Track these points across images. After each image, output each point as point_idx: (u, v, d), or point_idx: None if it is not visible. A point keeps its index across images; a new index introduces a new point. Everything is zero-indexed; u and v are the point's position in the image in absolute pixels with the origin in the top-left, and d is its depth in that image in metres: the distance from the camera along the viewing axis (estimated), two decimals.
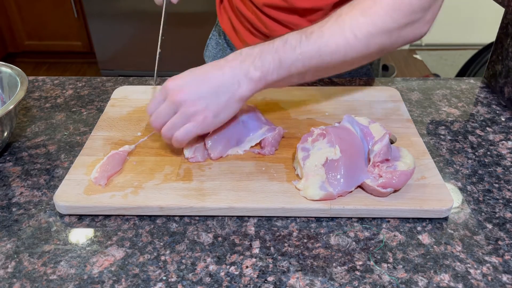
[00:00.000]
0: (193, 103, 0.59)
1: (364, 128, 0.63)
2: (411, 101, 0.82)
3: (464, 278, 0.49)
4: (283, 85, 0.64)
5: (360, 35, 0.59)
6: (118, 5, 2.55)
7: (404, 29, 0.60)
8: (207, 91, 0.59)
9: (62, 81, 0.90)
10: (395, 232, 0.55)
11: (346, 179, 0.57)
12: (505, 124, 0.76)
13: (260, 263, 0.51)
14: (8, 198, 0.61)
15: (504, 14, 0.83)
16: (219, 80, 0.59)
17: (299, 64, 0.60)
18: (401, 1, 0.58)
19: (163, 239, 0.54)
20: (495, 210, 0.58)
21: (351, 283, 0.49)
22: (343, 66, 0.64)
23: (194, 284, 0.49)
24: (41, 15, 2.82)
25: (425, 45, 3.25)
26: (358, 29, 0.59)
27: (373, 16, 0.59)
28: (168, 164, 0.63)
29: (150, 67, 3.18)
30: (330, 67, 0.62)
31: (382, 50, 0.62)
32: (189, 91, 0.59)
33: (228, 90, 0.59)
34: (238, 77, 0.59)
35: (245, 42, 0.93)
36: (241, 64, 0.59)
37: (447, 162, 0.67)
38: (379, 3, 0.59)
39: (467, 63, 1.95)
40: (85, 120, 0.77)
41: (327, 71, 0.64)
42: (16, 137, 0.73)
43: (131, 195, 0.58)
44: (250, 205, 0.56)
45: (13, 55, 3.02)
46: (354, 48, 0.60)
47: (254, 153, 0.65)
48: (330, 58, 0.60)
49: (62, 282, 0.49)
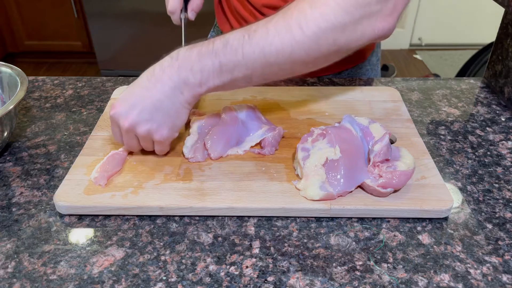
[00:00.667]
0: (144, 124, 0.58)
1: (364, 128, 0.63)
2: (411, 101, 0.82)
3: (464, 278, 0.49)
4: (229, 89, 0.59)
5: (308, 30, 0.52)
6: (118, 5, 2.55)
7: (359, 23, 0.53)
8: (152, 109, 0.57)
9: (62, 81, 0.90)
10: (395, 232, 0.55)
11: (346, 179, 0.57)
12: (505, 124, 0.76)
13: (260, 263, 0.51)
14: (8, 198, 0.61)
15: (504, 14, 0.83)
16: (160, 94, 0.57)
17: (242, 68, 0.55)
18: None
19: (163, 239, 0.54)
20: (495, 210, 0.58)
21: (351, 283, 0.49)
22: (293, 68, 0.57)
23: (194, 284, 0.49)
24: (41, 15, 2.82)
25: (425, 45, 3.26)
26: (306, 24, 0.52)
27: (323, 7, 0.52)
28: (168, 164, 0.63)
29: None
30: (277, 69, 0.56)
31: (337, 50, 0.55)
32: (134, 115, 0.58)
33: (172, 101, 0.57)
34: (178, 87, 0.56)
35: None
36: (179, 72, 0.56)
37: (447, 162, 0.67)
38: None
39: (467, 63, 1.95)
40: (85, 120, 0.77)
41: (276, 73, 0.58)
42: (16, 137, 0.73)
43: (131, 195, 0.58)
44: (250, 205, 0.56)
45: (13, 55, 3.02)
46: (302, 45, 0.53)
47: (254, 153, 0.65)
48: (275, 58, 0.54)
49: (62, 282, 0.49)
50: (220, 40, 0.55)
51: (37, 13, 2.81)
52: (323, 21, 0.52)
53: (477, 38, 3.00)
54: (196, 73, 0.56)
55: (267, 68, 0.55)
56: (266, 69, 0.56)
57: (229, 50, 0.54)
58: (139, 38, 2.67)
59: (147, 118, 0.58)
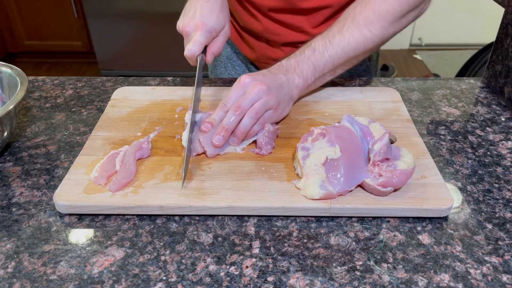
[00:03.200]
0: (269, 93, 0.66)
1: (364, 127, 0.63)
2: (411, 101, 0.82)
3: (464, 278, 0.49)
4: (320, 83, 0.75)
5: (375, 31, 0.71)
6: (118, 5, 2.55)
7: (410, 14, 0.73)
8: (277, 86, 0.68)
9: (62, 81, 0.90)
10: (395, 232, 0.55)
11: (346, 178, 0.57)
12: (505, 124, 0.76)
13: (260, 263, 0.51)
14: (8, 198, 0.61)
15: (504, 14, 0.83)
16: (281, 79, 0.70)
17: (329, 65, 0.72)
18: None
19: (163, 239, 0.54)
20: (495, 210, 0.58)
21: (351, 283, 0.49)
22: (364, 55, 0.75)
23: (194, 284, 0.49)
24: (41, 15, 2.82)
25: (425, 45, 3.26)
26: (373, 27, 0.70)
27: (384, 13, 0.70)
28: (168, 163, 0.63)
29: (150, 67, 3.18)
30: (354, 59, 0.74)
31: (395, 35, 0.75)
32: (266, 83, 0.67)
33: (288, 88, 0.70)
34: (290, 81, 0.71)
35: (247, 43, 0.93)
36: (287, 74, 0.71)
37: (447, 162, 0.67)
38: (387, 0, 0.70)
39: (467, 63, 1.95)
40: (85, 120, 0.77)
41: (352, 62, 0.75)
42: (16, 137, 0.73)
43: (131, 194, 0.58)
44: (250, 205, 0.56)
45: (13, 55, 3.02)
46: (372, 41, 0.71)
47: (253, 153, 0.65)
48: (354, 53, 0.72)
49: (62, 282, 0.49)
50: (308, 48, 0.72)
51: (37, 13, 2.81)
52: (385, 22, 0.71)
53: (477, 38, 3.00)
54: (298, 74, 0.72)
55: (347, 61, 0.73)
56: (346, 63, 0.74)
57: (318, 54, 0.71)
58: (139, 38, 2.67)
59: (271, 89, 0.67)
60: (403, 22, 0.73)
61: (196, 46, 0.69)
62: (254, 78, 0.67)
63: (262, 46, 0.90)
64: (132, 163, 0.61)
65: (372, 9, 0.70)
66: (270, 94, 0.66)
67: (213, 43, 0.74)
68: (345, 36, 0.71)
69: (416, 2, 0.71)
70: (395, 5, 0.70)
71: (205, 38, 0.70)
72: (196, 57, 0.70)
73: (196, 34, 0.70)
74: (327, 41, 0.71)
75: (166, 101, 0.79)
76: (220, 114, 0.66)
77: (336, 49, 0.71)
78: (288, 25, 0.84)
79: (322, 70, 0.72)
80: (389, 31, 0.72)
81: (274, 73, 0.70)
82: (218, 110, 0.67)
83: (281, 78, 0.70)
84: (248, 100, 0.65)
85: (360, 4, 0.71)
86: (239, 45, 0.96)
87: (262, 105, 0.65)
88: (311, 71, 0.71)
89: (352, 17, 0.71)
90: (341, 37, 0.71)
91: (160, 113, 0.75)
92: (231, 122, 0.64)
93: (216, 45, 0.74)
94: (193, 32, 0.71)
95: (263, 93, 0.65)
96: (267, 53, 0.90)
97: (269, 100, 0.66)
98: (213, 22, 0.72)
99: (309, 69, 0.71)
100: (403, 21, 0.72)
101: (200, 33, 0.70)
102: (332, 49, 0.71)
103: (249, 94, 0.65)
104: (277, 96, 0.67)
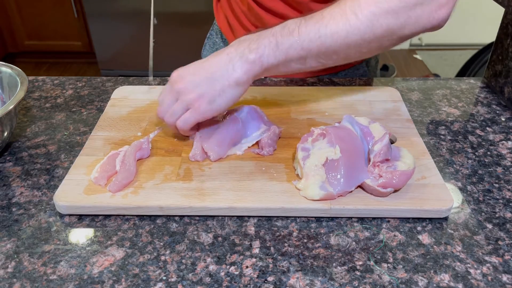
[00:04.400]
0: (189, 91, 0.61)
1: (364, 128, 0.63)
2: (411, 101, 0.82)
3: (464, 278, 0.49)
4: (284, 70, 0.62)
5: (361, 15, 0.56)
6: (118, 5, 2.55)
7: (413, 10, 0.56)
8: (203, 79, 0.60)
9: (62, 81, 0.90)
10: (395, 232, 0.55)
11: (346, 179, 0.57)
12: (505, 124, 0.76)
13: (260, 263, 0.51)
14: (8, 198, 0.61)
15: (504, 14, 0.83)
16: (214, 66, 0.60)
17: (297, 47, 0.58)
18: None
19: (163, 239, 0.54)
20: (495, 210, 0.58)
21: (351, 283, 0.49)
22: (348, 52, 0.59)
23: (194, 284, 0.49)
24: (41, 15, 2.82)
25: (425, 45, 3.26)
26: (360, 9, 0.56)
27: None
28: (168, 164, 0.63)
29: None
30: (332, 51, 0.59)
31: (391, 35, 0.57)
32: (188, 80, 0.61)
33: (223, 75, 0.59)
34: (233, 61, 0.59)
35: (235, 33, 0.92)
36: (237, 48, 0.60)
37: (447, 162, 0.67)
38: None
39: (467, 63, 1.95)
40: (85, 120, 0.77)
41: (330, 56, 0.60)
42: (16, 137, 0.73)
43: (131, 195, 0.58)
44: (250, 205, 0.56)
45: (13, 55, 3.02)
46: (357, 29, 0.56)
47: (254, 153, 0.65)
48: (331, 41, 0.57)
49: (62, 282, 0.49)
50: (279, 25, 0.59)
51: (37, 13, 2.81)
52: (376, 7, 0.55)
53: (477, 38, 2.99)
54: (252, 49, 0.59)
55: (322, 50, 0.58)
56: (321, 52, 0.58)
57: (286, 31, 0.58)
58: (139, 38, 2.67)
59: (195, 85, 0.61)
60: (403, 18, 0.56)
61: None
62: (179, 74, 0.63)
63: None
64: (132, 163, 0.61)
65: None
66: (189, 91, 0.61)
67: None
68: (325, 17, 0.57)
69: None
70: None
71: None
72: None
73: None
74: (303, 20, 0.59)
75: None
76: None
77: (310, 29, 0.57)
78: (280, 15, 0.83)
79: (286, 52, 0.58)
80: (380, 21, 0.56)
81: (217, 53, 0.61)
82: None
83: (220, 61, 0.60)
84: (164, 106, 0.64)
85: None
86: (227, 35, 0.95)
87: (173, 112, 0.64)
88: (271, 49, 0.58)
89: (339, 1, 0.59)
90: (319, 18, 0.58)
91: None
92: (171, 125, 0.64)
93: None
94: None
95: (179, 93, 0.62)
96: None
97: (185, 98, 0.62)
98: None
99: (270, 45, 0.58)
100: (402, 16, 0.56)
101: None
102: (305, 28, 0.57)
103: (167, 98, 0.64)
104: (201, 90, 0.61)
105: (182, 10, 2.50)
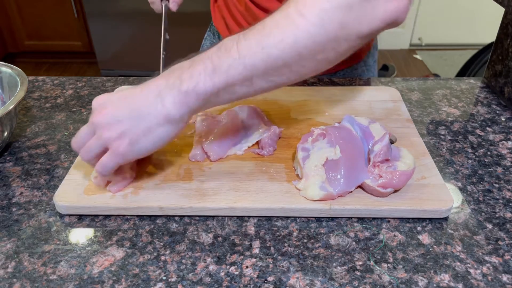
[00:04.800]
0: (108, 128, 0.52)
1: (364, 128, 0.63)
2: (411, 101, 0.82)
3: (464, 278, 0.49)
4: (227, 98, 0.52)
5: (310, 15, 0.47)
6: (118, 5, 2.55)
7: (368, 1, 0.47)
8: (126, 115, 0.52)
9: (62, 81, 0.90)
10: (395, 232, 0.55)
11: (346, 179, 0.57)
12: (505, 124, 0.76)
13: (260, 263, 0.51)
14: (8, 198, 0.61)
15: (504, 14, 0.83)
16: (140, 101, 0.52)
17: (239, 66, 0.48)
18: None
19: (163, 239, 0.54)
20: (495, 210, 0.58)
21: (351, 283, 0.49)
22: (301, 63, 0.49)
23: (194, 284, 0.49)
24: (41, 15, 2.82)
25: (425, 45, 3.26)
26: (306, 9, 0.47)
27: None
28: (168, 164, 0.63)
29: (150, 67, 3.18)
30: (281, 64, 0.49)
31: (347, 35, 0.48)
32: (108, 113, 0.53)
33: (150, 113, 0.51)
34: (162, 94, 0.51)
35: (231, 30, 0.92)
36: (167, 79, 0.51)
37: (447, 162, 0.67)
38: None
39: (467, 63, 1.95)
40: (85, 120, 0.77)
41: (281, 71, 0.50)
42: (16, 137, 0.73)
43: (131, 195, 0.58)
44: (250, 205, 0.56)
45: (13, 55, 3.02)
46: (307, 32, 0.47)
47: (254, 153, 0.65)
48: (277, 51, 0.48)
49: (62, 282, 0.49)
50: (215, 45, 0.51)
51: (37, 13, 2.81)
52: (326, 2, 0.46)
53: (477, 38, 3.00)
54: (184, 79, 0.50)
55: (269, 65, 0.48)
56: (268, 67, 0.49)
57: (223, 51, 0.49)
58: (139, 38, 2.67)
59: (116, 121, 0.52)
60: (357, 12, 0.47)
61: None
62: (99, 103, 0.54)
63: None
64: (132, 163, 0.61)
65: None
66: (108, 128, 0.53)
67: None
68: (266, 25, 0.48)
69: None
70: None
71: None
72: (161, 2, 0.71)
73: None
74: (241, 34, 0.49)
75: None
76: None
77: (250, 43, 0.48)
78: None
79: (226, 74, 0.49)
80: (332, 18, 0.46)
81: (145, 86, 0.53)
82: None
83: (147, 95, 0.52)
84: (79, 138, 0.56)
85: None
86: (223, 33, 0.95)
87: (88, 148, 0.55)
88: (207, 74, 0.49)
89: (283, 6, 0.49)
90: (260, 27, 0.48)
91: None
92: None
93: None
94: None
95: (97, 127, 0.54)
96: None
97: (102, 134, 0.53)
98: None
99: (206, 71, 0.49)
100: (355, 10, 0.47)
101: None
102: (245, 42, 0.48)
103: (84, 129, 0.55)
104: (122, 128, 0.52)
105: (179, 11, 2.49)
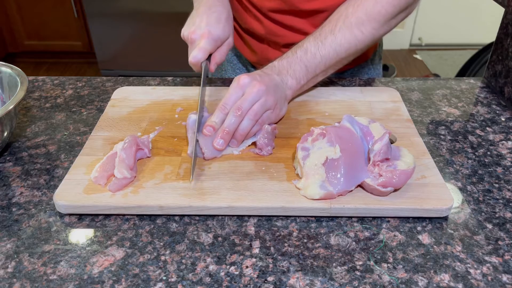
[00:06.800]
0: (268, 93, 0.66)
1: (364, 127, 0.63)
2: (411, 101, 0.82)
3: (464, 278, 0.49)
4: (312, 84, 0.76)
5: (366, 32, 0.72)
6: (118, 5, 2.55)
7: (399, 15, 0.74)
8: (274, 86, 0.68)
9: (62, 81, 0.90)
10: (395, 232, 0.55)
11: (346, 178, 0.57)
12: (505, 124, 0.76)
13: (260, 263, 0.51)
14: (8, 198, 0.61)
15: (504, 14, 0.83)
16: (276, 80, 0.70)
17: (321, 66, 0.73)
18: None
19: (163, 239, 0.54)
20: (495, 210, 0.58)
21: (351, 283, 0.49)
22: (355, 55, 0.76)
23: (194, 284, 0.49)
24: (41, 15, 2.82)
25: (425, 45, 3.26)
26: (364, 28, 0.71)
27: (375, 15, 0.71)
28: (168, 163, 0.63)
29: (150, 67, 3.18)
30: (345, 60, 0.75)
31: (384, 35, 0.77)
32: (264, 83, 0.67)
33: (283, 89, 0.71)
34: (283, 82, 0.71)
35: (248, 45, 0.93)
36: (280, 75, 0.71)
37: (447, 162, 0.67)
38: (379, 2, 0.70)
39: (467, 63, 1.95)
40: (85, 120, 0.77)
41: (343, 62, 0.75)
42: (16, 137, 0.73)
43: (131, 194, 0.58)
44: (250, 205, 0.56)
45: (13, 55, 3.02)
46: (363, 42, 0.73)
47: (253, 153, 0.65)
48: (345, 54, 0.73)
49: (62, 282, 0.49)
50: (300, 49, 0.73)
51: (37, 13, 2.82)
52: (376, 24, 0.72)
53: (477, 38, 3.00)
54: (291, 75, 0.72)
55: (338, 62, 0.74)
56: (337, 63, 0.74)
57: (310, 55, 0.72)
58: (139, 38, 2.67)
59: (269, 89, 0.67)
60: (393, 23, 0.74)
61: (202, 53, 0.72)
62: (253, 78, 0.67)
63: (263, 48, 0.91)
64: (132, 163, 0.61)
65: (364, 10, 0.71)
66: (269, 94, 0.66)
67: (217, 53, 0.76)
68: (337, 37, 0.71)
69: (406, 3, 0.72)
70: (387, 7, 0.70)
71: (210, 46, 0.73)
72: (201, 63, 0.72)
73: (202, 41, 0.72)
74: (319, 42, 0.72)
75: (166, 101, 0.79)
76: (220, 116, 0.66)
77: (328, 50, 0.71)
78: (290, 27, 0.84)
79: (314, 71, 0.73)
80: (379, 32, 0.73)
81: (268, 73, 0.70)
82: (218, 112, 0.66)
83: (276, 78, 0.70)
84: (248, 102, 0.65)
85: (353, 5, 0.72)
86: (240, 48, 0.96)
87: (261, 106, 0.65)
88: (303, 72, 0.72)
89: (344, 17, 0.72)
90: (333, 38, 0.71)
91: (160, 113, 0.75)
92: (232, 124, 0.64)
93: (219, 54, 0.76)
94: (199, 39, 0.73)
95: (262, 93, 0.65)
96: (268, 55, 0.90)
97: (268, 100, 0.66)
98: (219, 31, 0.75)
99: (302, 70, 0.72)
100: (392, 22, 0.73)
101: (206, 41, 0.72)
102: (324, 50, 0.71)
103: (248, 95, 0.65)
104: (275, 96, 0.68)
105: (181, 10, 2.50)
